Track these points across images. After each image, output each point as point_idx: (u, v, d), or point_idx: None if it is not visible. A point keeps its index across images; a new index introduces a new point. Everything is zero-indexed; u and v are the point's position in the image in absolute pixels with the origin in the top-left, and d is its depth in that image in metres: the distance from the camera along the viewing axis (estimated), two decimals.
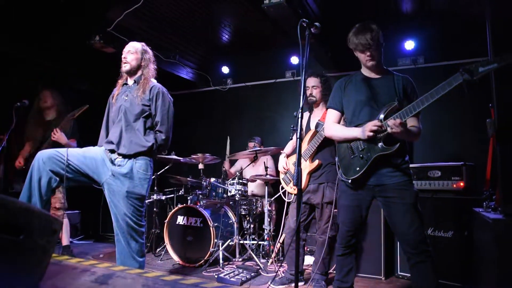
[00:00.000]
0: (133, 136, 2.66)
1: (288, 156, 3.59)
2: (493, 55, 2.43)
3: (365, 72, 2.50)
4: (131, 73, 2.83)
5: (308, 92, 3.34)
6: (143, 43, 2.91)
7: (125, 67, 2.79)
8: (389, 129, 2.19)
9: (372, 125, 2.25)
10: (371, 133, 2.25)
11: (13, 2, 4.10)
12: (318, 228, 3.30)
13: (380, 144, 2.28)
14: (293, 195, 3.43)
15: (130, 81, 2.85)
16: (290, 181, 3.46)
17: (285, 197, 3.68)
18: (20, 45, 4.89)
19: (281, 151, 3.67)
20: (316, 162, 3.20)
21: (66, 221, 4.20)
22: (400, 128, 2.15)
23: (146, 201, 5.05)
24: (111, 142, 2.68)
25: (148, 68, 2.84)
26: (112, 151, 2.67)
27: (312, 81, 3.36)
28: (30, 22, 4.47)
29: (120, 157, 2.65)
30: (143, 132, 2.69)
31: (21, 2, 4.15)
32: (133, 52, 2.81)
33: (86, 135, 4.00)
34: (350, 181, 2.41)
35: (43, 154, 2.49)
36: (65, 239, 4.18)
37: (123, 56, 2.81)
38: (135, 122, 2.69)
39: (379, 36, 2.32)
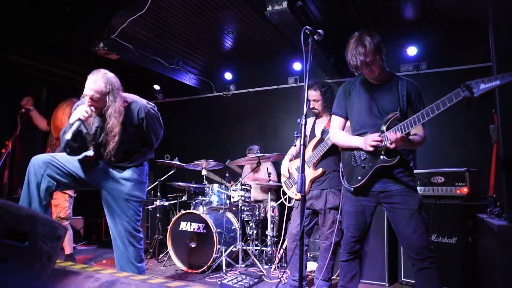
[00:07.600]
0: (129, 152, 2.66)
1: (290, 160, 3.57)
2: (496, 62, 2.43)
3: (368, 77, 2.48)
4: (101, 114, 2.55)
5: (310, 105, 3.32)
6: (104, 74, 2.47)
7: (93, 113, 2.50)
8: (388, 144, 2.16)
9: (371, 139, 2.21)
10: (372, 148, 2.22)
11: (19, 9, 4.14)
12: (321, 234, 3.29)
13: (381, 156, 2.26)
14: (294, 200, 3.42)
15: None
16: (292, 185, 3.45)
17: (286, 202, 3.67)
18: (25, 52, 4.94)
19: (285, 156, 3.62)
20: (320, 170, 3.19)
21: (69, 231, 4.19)
22: (400, 143, 2.12)
23: (150, 207, 5.12)
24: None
25: (117, 102, 2.49)
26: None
27: (312, 95, 3.31)
28: (36, 29, 4.52)
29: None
30: (140, 147, 2.72)
31: (26, 9, 4.19)
32: (96, 99, 2.45)
33: None
34: (352, 189, 2.42)
35: (38, 159, 2.47)
36: (68, 248, 4.18)
37: (88, 102, 2.45)
38: (128, 143, 2.63)
39: (375, 48, 2.21)
